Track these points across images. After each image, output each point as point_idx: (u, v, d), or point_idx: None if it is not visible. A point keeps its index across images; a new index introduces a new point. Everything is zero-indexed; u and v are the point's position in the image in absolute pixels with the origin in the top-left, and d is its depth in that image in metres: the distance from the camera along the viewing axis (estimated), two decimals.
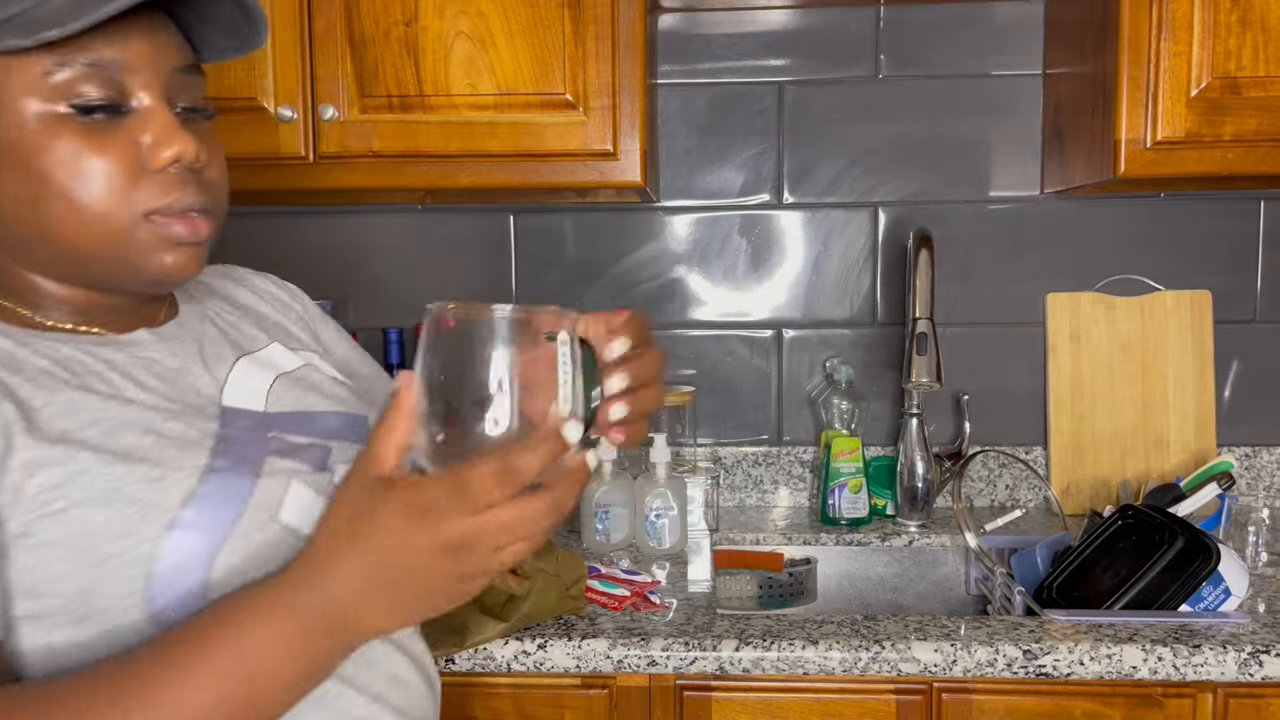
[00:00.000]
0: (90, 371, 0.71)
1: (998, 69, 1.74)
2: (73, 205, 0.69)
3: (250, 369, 0.81)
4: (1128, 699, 1.17)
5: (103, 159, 0.69)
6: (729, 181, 1.78)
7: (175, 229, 0.72)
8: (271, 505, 0.71)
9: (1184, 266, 1.75)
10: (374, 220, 1.81)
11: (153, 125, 0.71)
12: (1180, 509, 1.42)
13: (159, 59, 0.72)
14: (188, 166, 0.72)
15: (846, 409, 1.73)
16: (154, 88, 0.71)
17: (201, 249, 0.75)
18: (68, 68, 0.68)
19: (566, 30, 1.40)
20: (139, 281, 0.74)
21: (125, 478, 0.66)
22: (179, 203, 0.72)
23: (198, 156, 0.72)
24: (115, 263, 0.72)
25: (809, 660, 1.17)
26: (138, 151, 0.70)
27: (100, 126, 0.69)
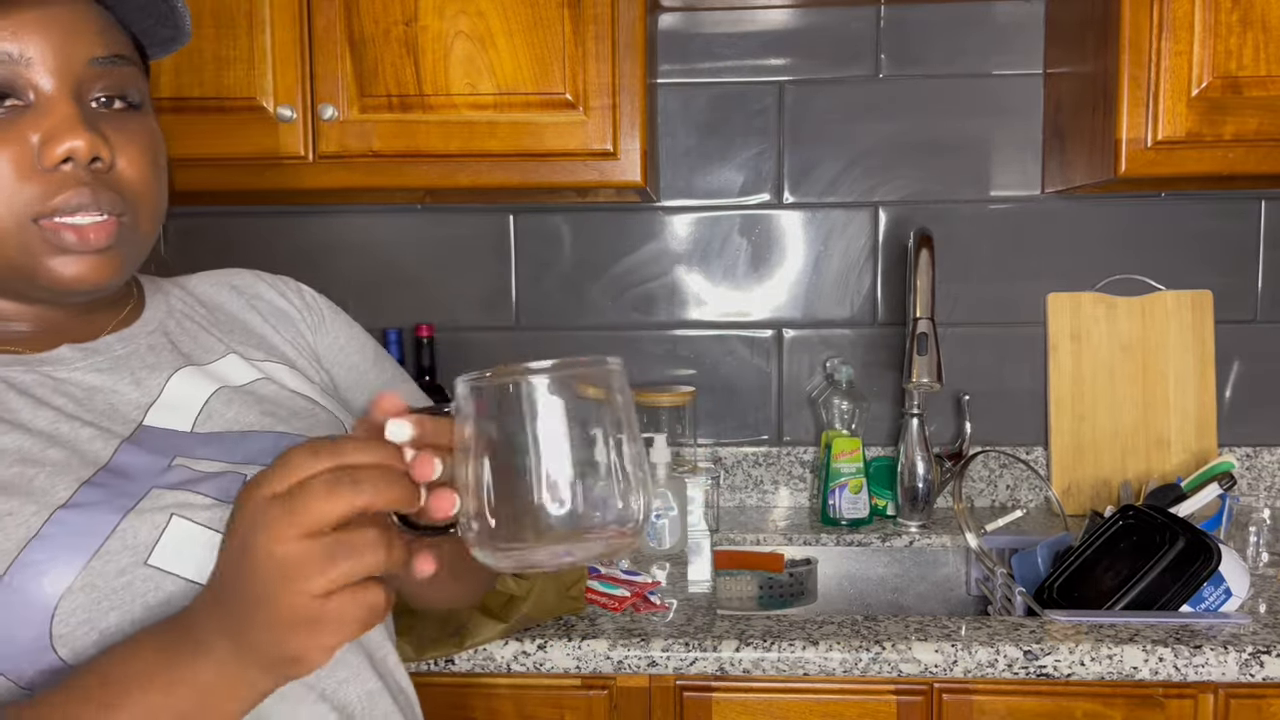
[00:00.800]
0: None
1: (998, 69, 1.74)
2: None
3: (188, 381, 0.74)
4: (1129, 699, 1.17)
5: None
6: (729, 181, 1.78)
7: (63, 235, 0.65)
8: (138, 546, 0.62)
9: (1184, 266, 1.74)
10: (374, 220, 1.81)
11: (47, 120, 0.64)
12: (1181, 509, 1.42)
13: (67, 48, 0.65)
14: (85, 164, 0.65)
15: (847, 409, 1.73)
16: (58, 79, 0.65)
17: (106, 257, 0.67)
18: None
19: (566, 30, 1.39)
20: (41, 291, 0.68)
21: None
22: (70, 204, 0.65)
23: (95, 153, 0.65)
24: (9, 270, 0.66)
25: (809, 661, 1.17)
26: (29, 150, 0.64)
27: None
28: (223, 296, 0.85)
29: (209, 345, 0.78)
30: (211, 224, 1.81)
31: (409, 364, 1.76)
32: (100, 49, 0.67)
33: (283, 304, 0.88)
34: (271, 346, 0.83)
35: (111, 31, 0.69)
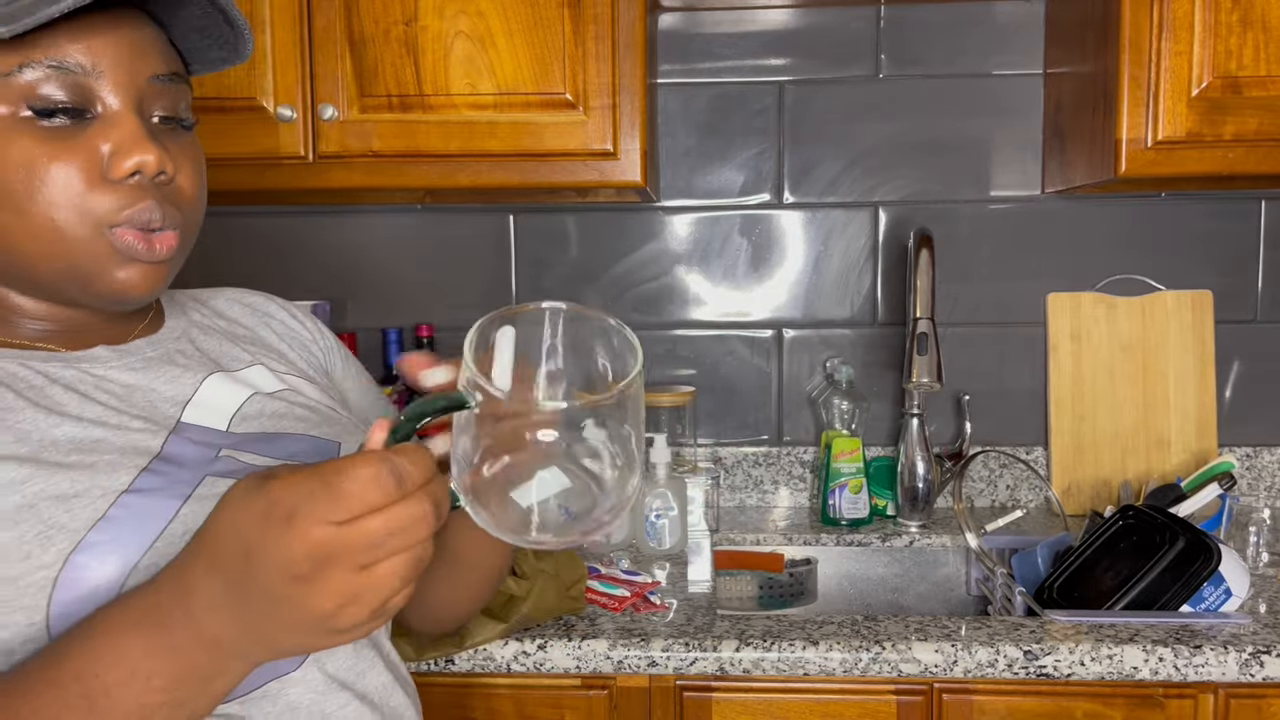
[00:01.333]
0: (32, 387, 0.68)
1: (998, 69, 1.74)
2: (23, 214, 0.66)
3: (221, 386, 0.77)
4: (1129, 699, 1.17)
5: (59, 166, 0.66)
6: (729, 181, 1.78)
7: (133, 244, 0.68)
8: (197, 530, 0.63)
9: (1184, 266, 1.74)
10: (374, 220, 1.81)
11: (116, 132, 0.67)
12: (1181, 509, 1.42)
13: (133, 65, 0.68)
14: (151, 178, 0.68)
15: (847, 409, 1.73)
16: (124, 94, 0.68)
17: (162, 268, 0.70)
18: (30, 69, 0.65)
19: (566, 30, 1.39)
20: (92, 297, 0.70)
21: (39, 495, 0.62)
22: (138, 215, 0.67)
23: (162, 168, 0.68)
24: (66, 276, 0.68)
25: (809, 661, 1.17)
26: (98, 160, 0.67)
27: (61, 132, 0.66)
28: (237, 312, 0.88)
29: (236, 354, 0.81)
30: (212, 224, 1.80)
31: None
32: (161, 67, 0.70)
33: (295, 325, 0.91)
34: (290, 362, 0.86)
35: (168, 51, 0.72)
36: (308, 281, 1.81)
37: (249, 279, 1.76)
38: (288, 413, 0.78)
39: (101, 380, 0.71)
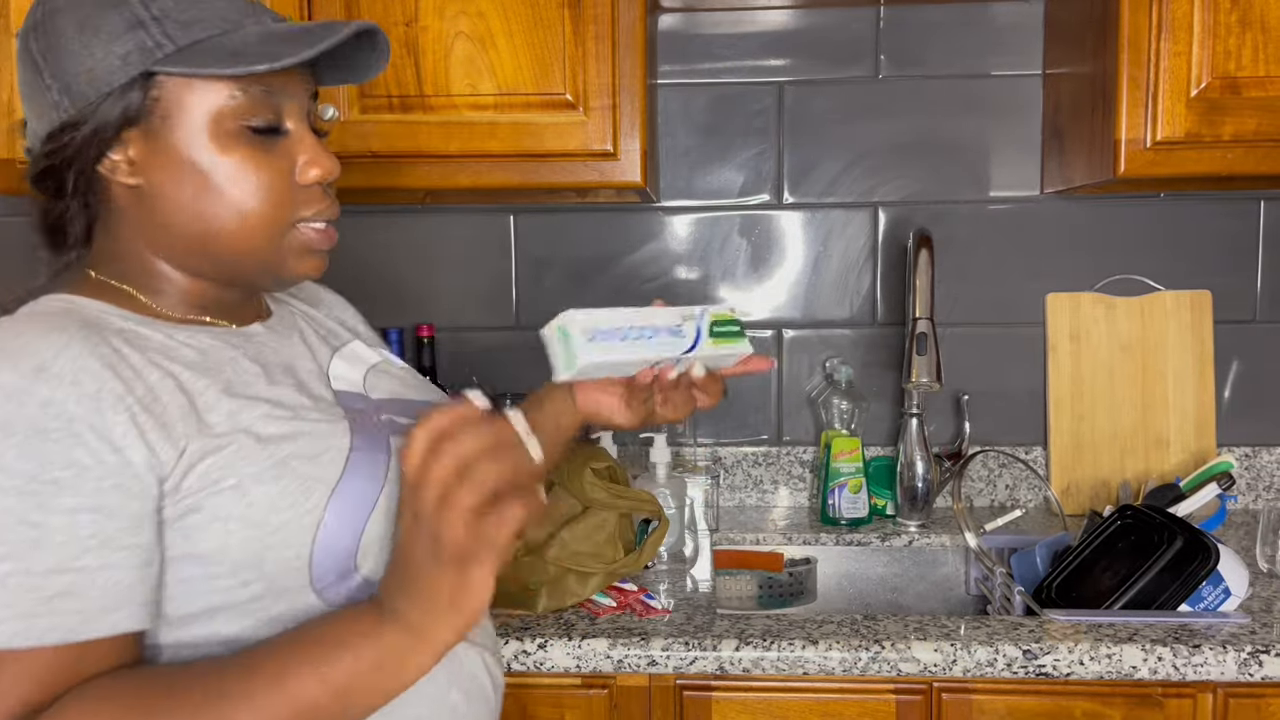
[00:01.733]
0: (229, 360, 0.80)
1: (998, 69, 1.74)
2: (238, 211, 0.78)
3: (344, 361, 0.91)
4: (1128, 699, 1.17)
5: (266, 173, 0.79)
6: (729, 181, 1.78)
7: (315, 239, 0.83)
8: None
9: (1184, 266, 1.75)
10: (374, 220, 1.81)
11: (304, 146, 0.81)
12: (1180, 509, 1.42)
13: (302, 88, 0.82)
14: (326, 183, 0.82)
15: (846, 409, 1.73)
16: (301, 113, 0.82)
17: (326, 256, 0.85)
18: (245, 93, 0.77)
19: (566, 30, 1.40)
20: (274, 281, 0.84)
21: (290, 456, 0.75)
22: (323, 215, 0.83)
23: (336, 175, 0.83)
24: (263, 264, 0.81)
25: (809, 660, 1.17)
26: (292, 168, 0.80)
27: (263, 145, 0.79)
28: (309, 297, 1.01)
29: (336, 333, 0.96)
30: None
31: (409, 364, 1.76)
32: (314, 86, 0.84)
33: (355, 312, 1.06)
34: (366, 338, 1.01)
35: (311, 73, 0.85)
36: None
37: None
38: (397, 379, 0.93)
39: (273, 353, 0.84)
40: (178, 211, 0.78)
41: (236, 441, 0.74)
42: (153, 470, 0.70)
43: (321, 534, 0.74)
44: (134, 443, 0.69)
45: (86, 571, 0.68)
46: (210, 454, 0.72)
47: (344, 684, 0.69)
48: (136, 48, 0.75)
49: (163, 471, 0.71)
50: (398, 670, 0.70)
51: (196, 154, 0.77)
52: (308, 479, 0.75)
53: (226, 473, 0.72)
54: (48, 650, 0.66)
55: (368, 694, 0.70)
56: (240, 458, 0.73)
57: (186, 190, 0.78)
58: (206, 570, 0.73)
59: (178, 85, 0.76)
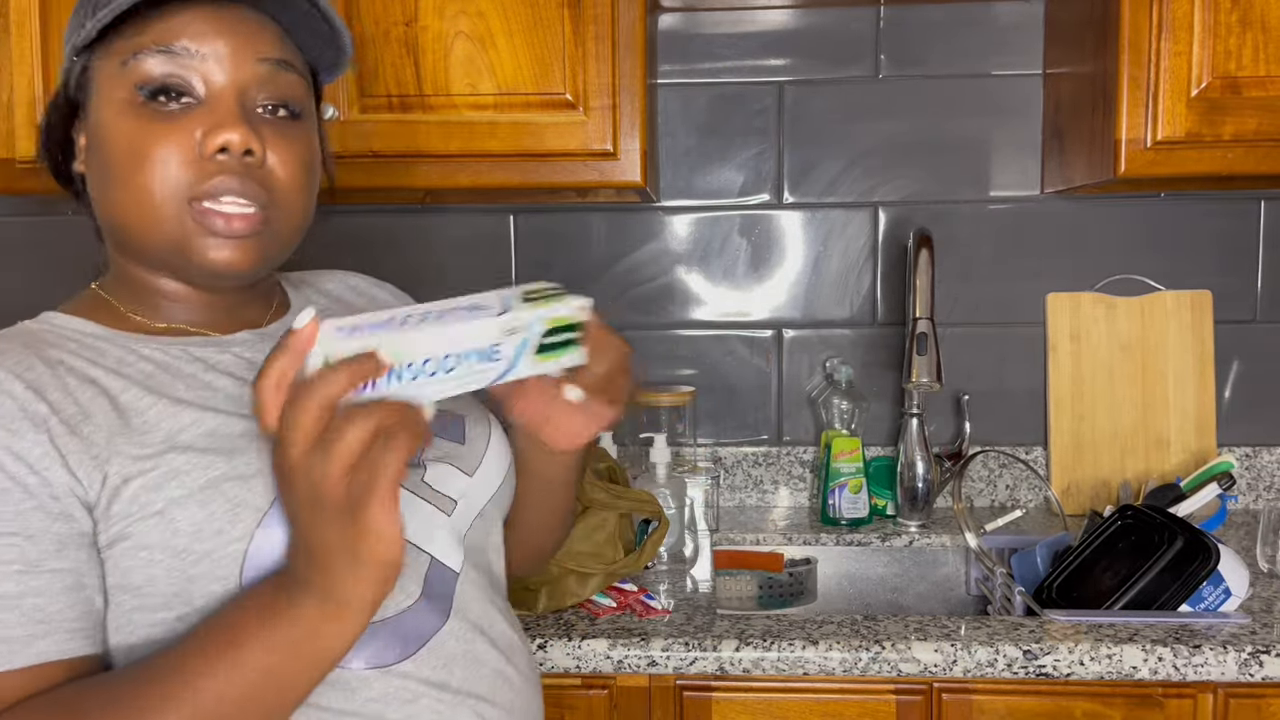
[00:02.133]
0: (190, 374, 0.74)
1: (998, 69, 1.74)
2: (129, 188, 0.71)
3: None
4: (1128, 699, 1.17)
5: (160, 145, 0.70)
6: (729, 181, 1.78)
7: (212, 220, 0.71)
8: None
9: (1184, 266, 1.75)
10: (374, 220, 1.81)
11: (211, 114, 0.71)
12: (1180, 509, 1.42)
13: (237, 49, 0.72)
14: (239, 157, 0.71)
15: (846, 409, 1.73)
16: (226, 79, 0.72)
17: (248, 244, 0.73)
18: (142, 55, 0.70)
19: (566, 30, 1.39)
20: (195, 272, 0.75)
21: (220, 478, 0.68)
22: (219, 189, 0.71)
23: (248, 146, 0.71)
24: (166, 250, 0.73)
25: (809, 660, 1.17)
26: (195, 140, 0.71)
27: (167, 114, 0.71)
28: (348, 295, 0.96)
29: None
30: None
31: None
32: (269, 51, 0.74)
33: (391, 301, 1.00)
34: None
35: (284, 42, 0.76)
36: None
37: None
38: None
39: (252, 364, 0.77)
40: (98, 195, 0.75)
41: (168, 463, 0.68)
42: (74, 494, 0.66)
43: (249, 564, 0.68)
44: (53, 465, 0.66)
45: (6, 599, 0.64)
46: (138, 476, 0.67)
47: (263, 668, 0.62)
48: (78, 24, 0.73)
49: (87, 495, 0.67)
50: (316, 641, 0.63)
51: (102, 130, 0.72)
52: (237, 504, 0.68)
53: (155, 496, 0.67)
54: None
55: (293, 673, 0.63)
56: (169, 479, 0.68)
57: (97, 170, 0.74)
58: (141, 603, 0.68)
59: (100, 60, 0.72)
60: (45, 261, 1.71)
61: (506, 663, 0.81)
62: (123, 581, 0.67)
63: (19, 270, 1.80)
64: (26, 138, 1.43)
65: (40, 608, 0.65)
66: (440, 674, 0.75)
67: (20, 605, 0.64)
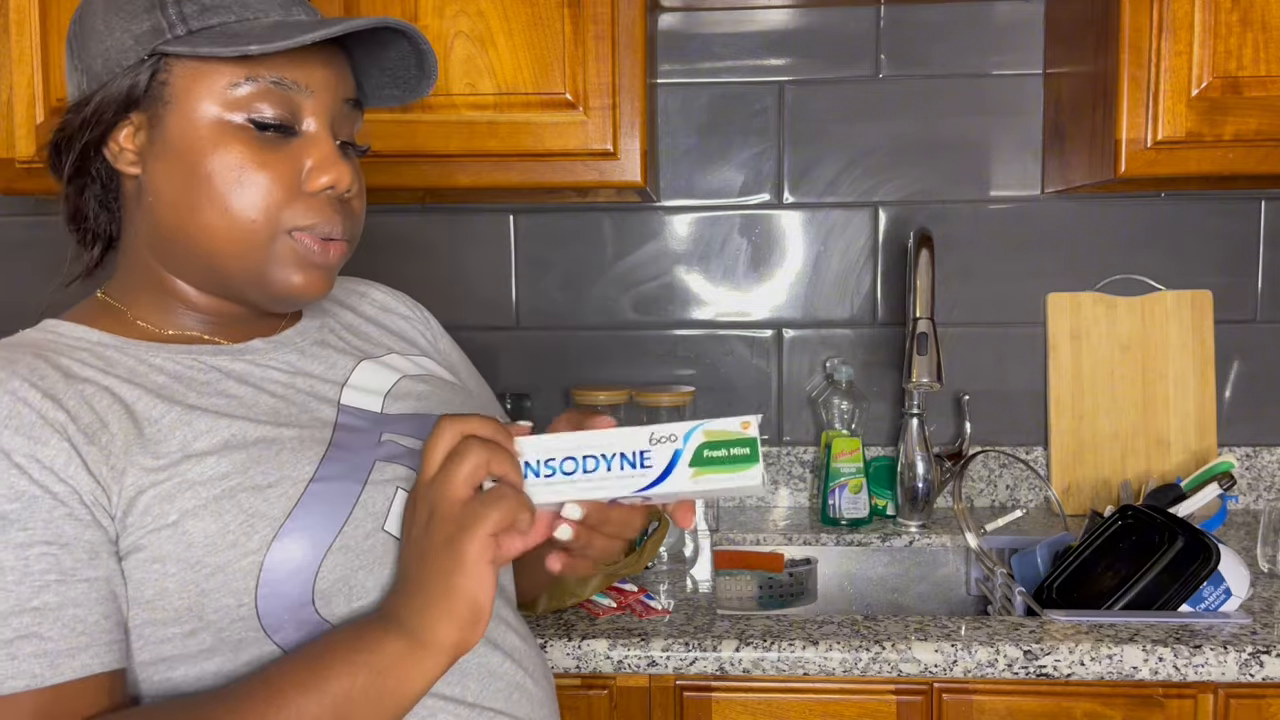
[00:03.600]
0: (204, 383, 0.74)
1: (998, 69, 1.74)
2: (225, 211, 0.72)
3: (371, 372, 0.84)
4: (1128, 699, 1.17)
5: (265, 173, 0.72)
6: (729, 181, 1.78)
7: (310, 247, 0.75)
8: (377, 513, 0.73)
9: (1184, 266, 1.74)
10: (374, 220, 1.79)
11: (316, 150, 0.74)
12: (1181, 509, 1.42)
13: (332, 89, 0.75)
14: (339, 195, 0.75)
15: (847, 409, 1.73)
16: (322, 115, 0.75)
17: (331, 273, 0.77)
18: (253, 83, 0.71)
19: (566, 30, 1.39)
20: (266, 296, 0.76)
21: (236, 488, 0.68)
22: (323, 227, 0.75)
23: (350, 187, 0.75)
24: (248, 273, 0.74)
25: (809, 660, 1.17)
26: (298, 172, 0.74)
27: (269, 143, 0.73)
28: (360, 304, 0.95)
29: (374, 342, 0.90)
30: None
31: None
32: (352, 92, 0.78)
33: (406, 312, 0.99)
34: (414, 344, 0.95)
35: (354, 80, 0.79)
36: None
37: None
38: (430, 393, 0.86)
39: (266, 370, 0.78)
40: (169, 206, 0.73)
41: (181, 473, 0.68)
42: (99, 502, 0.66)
43: (265, 578, 0.67)
44: (78, 471, 0.65)
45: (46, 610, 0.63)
46: (151, 487, 0.67)
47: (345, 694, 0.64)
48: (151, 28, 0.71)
49: (108, 503, 0.66)
50: (400, 678, 0.65)
51: (192, 144, 0.72)
52: (252, 515, 0.68)
53: (169, 507, 0.67)
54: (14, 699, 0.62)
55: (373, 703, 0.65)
56: (183, 490, 0.67)
57: (177, 182, 0.73)
58: (151, 617, 0.67)
59: (186, 70, 0.71)
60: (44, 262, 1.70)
61: (524, 675, 0.81)
62: (135, 595, 0.67)
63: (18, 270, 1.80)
64: (26, 138, 1.43)
65: (80, 618, 0.64)
66: (455, 689, 0.74)
67: (60, 616, 0.63)
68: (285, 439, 0.73)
